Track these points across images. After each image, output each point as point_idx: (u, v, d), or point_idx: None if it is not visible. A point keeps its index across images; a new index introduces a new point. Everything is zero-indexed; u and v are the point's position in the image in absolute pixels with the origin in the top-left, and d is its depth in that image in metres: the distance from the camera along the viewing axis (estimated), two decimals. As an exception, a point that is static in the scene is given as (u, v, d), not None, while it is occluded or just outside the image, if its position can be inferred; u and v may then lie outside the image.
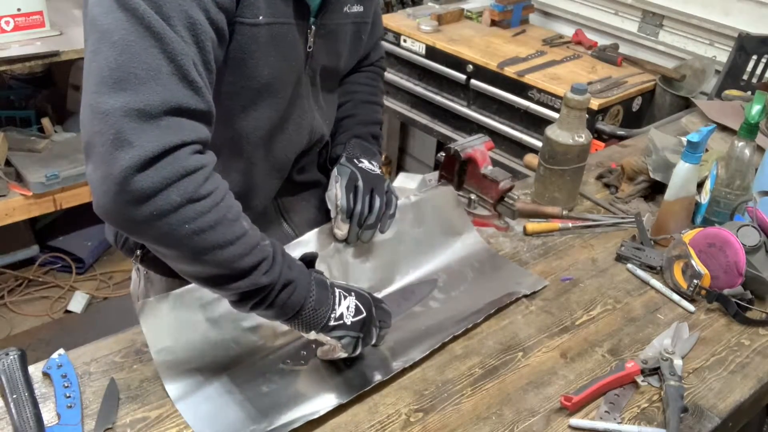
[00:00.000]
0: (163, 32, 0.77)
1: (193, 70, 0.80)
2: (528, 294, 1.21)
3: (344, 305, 0.97)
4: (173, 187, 0.77)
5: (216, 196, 0.82)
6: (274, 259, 0.89)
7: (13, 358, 0.97)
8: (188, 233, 0.80)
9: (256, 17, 0.92)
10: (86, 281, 2.82)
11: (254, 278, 0.87)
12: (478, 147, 1.42)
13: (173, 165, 0.77)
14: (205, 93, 0.82)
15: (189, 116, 0.80)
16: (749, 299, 1.21)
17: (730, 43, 2.36)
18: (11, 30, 2.26)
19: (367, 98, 1.31)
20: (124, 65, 0.76)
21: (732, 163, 1.37)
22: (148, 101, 0.76)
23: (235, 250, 0.84)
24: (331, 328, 0.96)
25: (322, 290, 0.95)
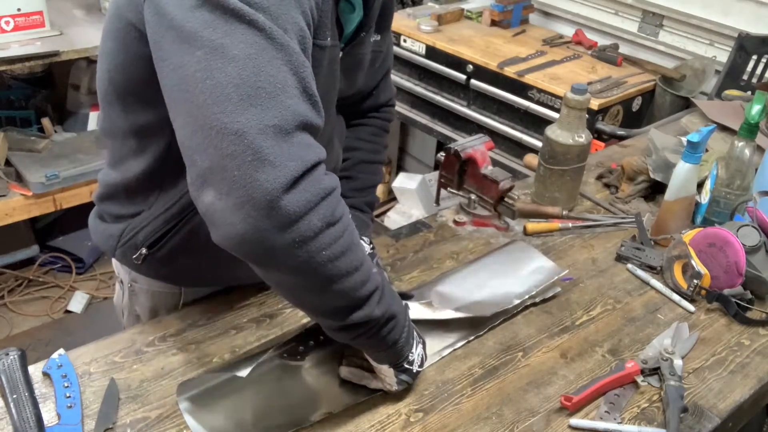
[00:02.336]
0: (287, 44, 0.72)
1: (312, 84, 0.75)
2: (538, 302, 1.21)
3: (417, 351, 0.96)
4: (315, 210, 0.72)
5: (346, 219, 0.77)
6: (383, 290, 0.84)
7: (13, 358, 0.97)
8: (324, 260, 0.74)
9: (325, 38, 0.89)
10: (86, 281, 2.82)
11: (369, 309, 0.82)
12: (478, 147, 1.42)
13: (315, 186, 0.71)
14: (320, 108, 0.76)
15: (313, 132, 0.74)
16: (749, 299, 1.21)
17: (730, 43, 2.36)
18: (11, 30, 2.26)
19: (368, 157, 1.29)
20: (249, 80, 0.70)
21: (732, 163, 1.37)
22: (281, 117, 0.70)
23: (358, 277, 0.79)
24: (402, 369, 0.94)
25: (412, 329, 0.95)
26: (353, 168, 1.28)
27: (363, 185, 1.29)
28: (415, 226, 1.41)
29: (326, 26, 0.88)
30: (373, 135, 1.31)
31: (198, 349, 1.06)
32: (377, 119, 1.32)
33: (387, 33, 1.15)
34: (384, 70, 1.26)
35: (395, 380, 0.95)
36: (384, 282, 0.86)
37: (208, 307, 1.14)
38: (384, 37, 1.14)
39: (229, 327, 1.11)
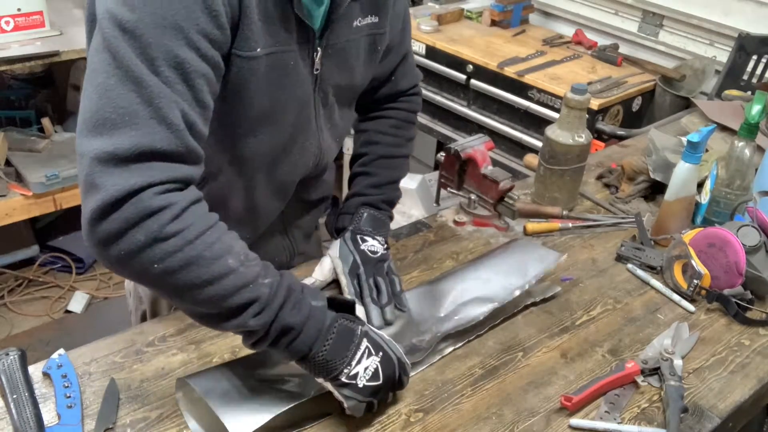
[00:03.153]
0: (141, 77, 0.77)
1: (173, 112, 0.79)
2: (538, 302, 1.21)
3: (363, 365, 0.90)
4: (138, 227, 0.76)
5: (187, 234, 0.78)
6: (269, 301, 0.84)
7: (13, 358, 0.97)
8: (159, 273, 0.78)
9: (253, 50, 0.91)
10: (86, 281, 2.83)
11: (242, 320, 0.83)
12: (478, 147, 1.42)
13: (136, 206, 0.76)
14: (184, 134, 0.80)
15: (162, 158, 0.78)
16: (749, 299, 1.21)
17: (730, 43, 2.36)
18: (11, 30, 2.26)
19: (388, 152, 1.26)
20: (101, 110, 0.77)
21: (732, 163, 1.37)
22: (118, 146, 0.76)
23: (216, 290, 0.80)
24: (341, 384, 0.90)
25: (342, 341, 0.89)
26: (372, 164, 1.25)
27: (381, 181, 1.24)
28: (415, 226, 1.41)
29: (255, 37, 0.90)
30: (395, 127, 1.27)
31: (198, 349, 1.06)
32: (399, 110, 1.28)
33: (385, 14, 1.10)
34: (399, 55, 1.22)
35: (339, 397, 0.91)
36: (275, 293, 0.85)
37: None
38: (383, 18, 1.10)
39: (229, 327, 1.11)
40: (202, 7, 0.80)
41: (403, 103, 1.29)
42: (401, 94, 1.28)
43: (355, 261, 1.15)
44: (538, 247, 1.28)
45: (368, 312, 1.09)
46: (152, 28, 0.77)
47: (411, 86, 1.29)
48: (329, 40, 1.03)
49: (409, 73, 1.27)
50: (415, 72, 1.30)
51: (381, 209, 1.24)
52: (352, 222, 1.20)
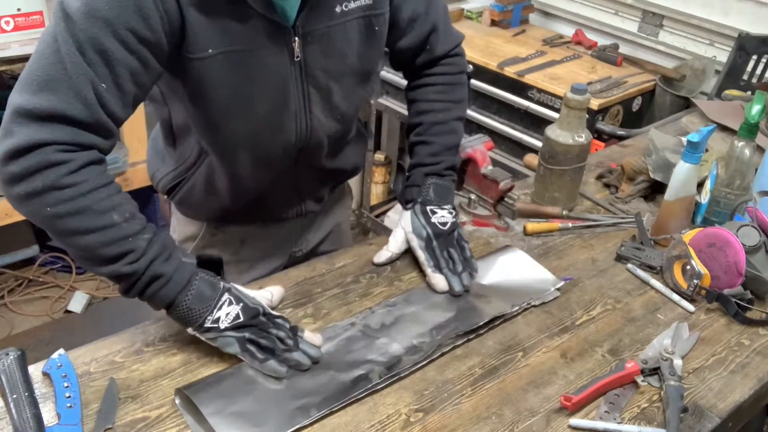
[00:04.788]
0: (69, 54, 0.90)
1: (86, 88, 0.91)
2: (537, 304, 1.21)
3: (225, 311, 1.00)
4: (38, 174, 0.90)
5: (80, 188, 0.92)
6: (144, 252, 0.96)
7: (13, 358, 0.97)
8: (50, 215, 0.92)
9: (204, 51, 0.99)
10: (86, 281, 2.82)
11: (116, 266, 0.95)
12: (478, 147, 1.42)
13: (39, 156, 0.89)
14: (95, 108, 0.92)
15: (70, 123, 0.91)
16: (749, 299, 1.21)
17: (730, 43, 2.36)
18: (11, 30, 2.26)
19: (439, 118, 1.30)
20: (33, 72, 0.91)
21: (732, 163, 1.37)
22: (38, 104, 0.89)
23: (96, 238, 0.93)
24: (205, 329, 1.00)
25: (205, 291, 1.00)
26: (426, 132, 1.29)
27: (439, 149, 1.29)
28: (415, 226, 1.41)
29: (204, 38, 0.99)
30: (441, 92, 1.31)
31: (198, 349, 1.06)
32: (442, 74, 1.31)
33: None
34: (427, 24, 1.24)
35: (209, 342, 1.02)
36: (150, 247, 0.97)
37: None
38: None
39: (229, 327, 1.11)
40: (134, 9, 0.92)
41: (444, 66, 1.31)
42: (440, 59, 1.31)
43: (428, 235, 1.23)
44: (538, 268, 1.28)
45: (449, 281, 1.19)
46: (87, 18, 0.90)
47: (448, 51, 1.31)
48: (305, 28, 1.07)
49: (443, 39, 1.28)
50: (453, 35, 1.31)
51: (444, 176, 1.29)
52: (420, 194, 1.27)
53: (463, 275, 1.20)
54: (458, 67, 1.33)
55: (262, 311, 1.04)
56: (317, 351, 1.04)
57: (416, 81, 1.33)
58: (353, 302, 1.18)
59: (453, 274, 1.20)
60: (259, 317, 1.03)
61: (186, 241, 1.36)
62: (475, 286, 1.22)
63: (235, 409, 0.95)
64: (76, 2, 0.90)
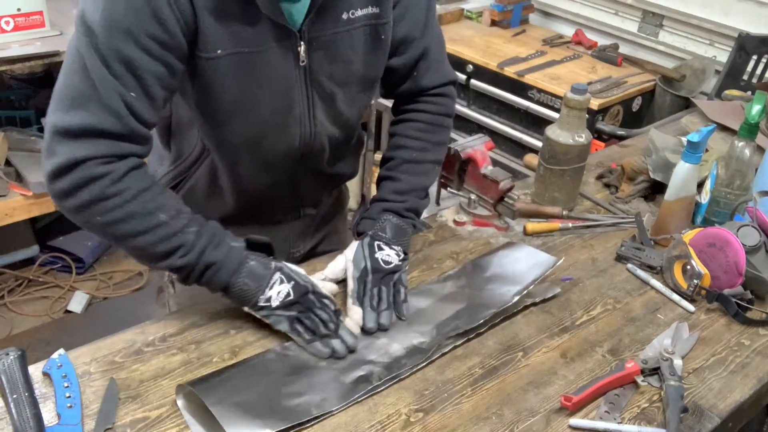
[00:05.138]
0: (94, 69, 0.93)
1: (117, 99, 0.95)
2: (538, 302, 1.21)
3: (276, 289, 1.05)
4: (84, 189, 0.95)
5: (125, 195, 0.97)
6: (194, 244, 1.02)
7: (13, 358, 0.97)
8: (101, 224, 0.98)
9: (213, 51, 1.01)
10: (86, 281, 2.82)
11: (170, 261, 1.02)
12: (478, 147, 1.42)
13: (83, 172, 0.95)
14: (127, 119, 0.96)
15: (105, 137, 0.96)
16: (749, 299, 1.21)
17: (730, 43, 2.37)
18: (11, 30, 2.26)
19: (413, 157, 1.26)
20: (64, 90, 0.95)
21: (732, 163, 1.37)
22: (72, 122, 0.94)
23: (148, 239, 0.99)
24: (259, 307, 1.06)
25: (257, 272, 1.05)
26: (396, 168, 1.26)
27: (405, 188, 1.25)
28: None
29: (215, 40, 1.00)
30: (420, 131, 1.27)
31: (198, 349, 1.06)
32: (425, 112, 1.28)
33: (387, 3, 1.13)
34: (419, 49, 1.22)
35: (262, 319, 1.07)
36: (198, 239, 1.02)
37: (208, 307, 1.14)
38: (384, 8, 1.13)
39: (229, 327, 1.11)
40: (151, 16, 0.94)
41: (430, 105, 1.28)
42: (424, 92, 1.28)
43: (365, 268, 1.17)
44: (534, 252, 1.29)
45: (364, 314, 1.11)
46: (108, 30, 0.93)
47: (435, 85, 1.27)
48: (311, 33, 1.07)
49: (433, 70, 1.26)
50: (444, 71, 1.28)
51: (404, 217, 1.24)
52: (373, 227, 1.22)
53: (383, 313, 1.12)
54: (444, 108, 1.30)
55: (312, 289, 1.08)
56: (354, 340, 1.07)
57: (399, 115, 1.31)
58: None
59: (371, 310, 1.12)
60: (309, 295, 1.07)
61: None
62: (475, 278, 1.22)
63: (238, 399, 0.95)
64: (96, 16, 0.92)
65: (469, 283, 1.22)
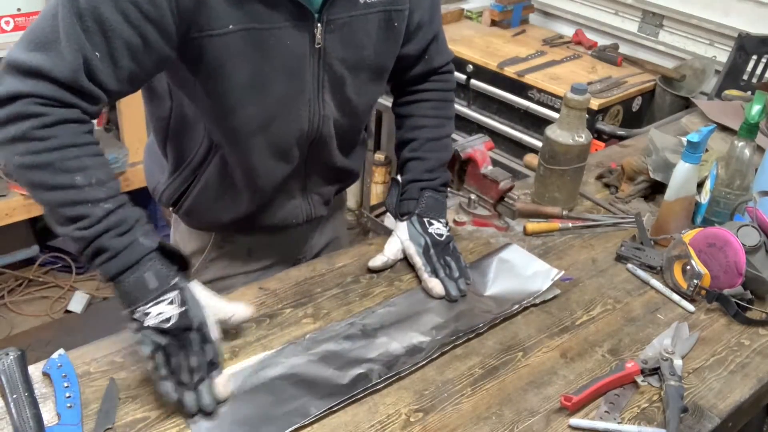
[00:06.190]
0: (64, 17, 0.91)
1: (76, 54, 0.92)
2: (538, 302, 1.21)
3: (159, 309, 0.94)
4: (12, 123, 0.91)
5: (49, 143, 0.92)
6: (97, 222, 0.94)
7: (13, 358, 0.97)
8: (17, 165, 0.93)
9: (224, 27, 0.99)
10: (86, 281, 2.82)
11: (68, 230, 0.95)
12: (478, 147, 1.42)
13: (17, 107, 0.91)
14: (80, 74, 0.93)
15: (53, 82, 0.92)
16: (749, 299, 1.21)
17: (730, 43, 2.36)
18: (11, 30, 2.26)
19: (434, 134, 1.33)
20: (34, 30, 0.93)
21: (732, 163, 1.37)
22: (26, 60, 0.91)
23: (55, 196, 0.94)
24: (132, 318, 0.94)
25: (149, 280, 0.95)
26: (421, 148, 1.32)
27: (434, 165, 1.32)
28: (415, 226, 1.41)
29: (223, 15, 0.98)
30: (435, 108, 1.34)
31: (198, 349, 1.06)
32: (436, 90, 1.34)
33: None
34: (430, 33, 1.27)
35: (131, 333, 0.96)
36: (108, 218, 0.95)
37: (208, 307, 1.14)
38: None
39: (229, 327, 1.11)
40: None
41: (438, 82, 1.35)
42: (435, 72, 1.33)
43: (426, 243, 1.25)
44: (534, 260, 1.29)
45: (446, 285, 1.19)
46: None
47: (444, 63, 1.34)
48: (329, 15, 1.07)
49: (442, 50, 1.33)
50: (448, 49, 1.36)
51: (440, 191, 1.32)
52: (417, 207, 1.29)
53: (459, 281, 1.21)
54: (450, 84, 1.37)
55: (198, 327, 0.95)
56: (212, 403, 0.94)
57: (408, 96, 1.35)
58: (353, 302, 1.18)
59: (450, 279, 1.20)
60: (190, 333, 0.95)
61: (192, 257, 1.33)
62: (475, 282, 1.23)
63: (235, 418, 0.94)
64: None
65: (469, 287, 1.22)
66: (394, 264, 1.27)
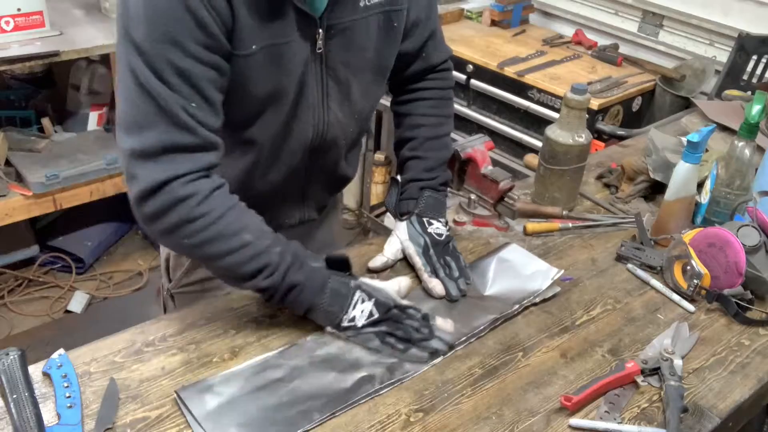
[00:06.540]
0: (153, 87, 0.93)
1: (183, 114, 0.95)
2: (538, 302, 1.21)
3: (359, 309, 1.05)
4: (171, 211, 0.96)
5: (211, 216, 0.98)
6: (278, 265, 1.02)
7: (13, 358, 0.97)
8: (189, 246, 0.99)
9: (249, 48, 1.01)
10: (86, 281, 2.82)
11: (255, 282, 1.02)
12: (478, 147, 1.42)
13: (168, 194, 0.95)
14: (197, 129, 0.97)
15: (183, 151, 0.96)
16: (749, 299, 1.21)
17: (730, 43, 2.36)
18: (11, 30, 2.26)
19: (433, 133, 1.32)
20: (128, 114, 0.96)
21: (732, 163, 1.37)
22: (146, 143, 0.94)
23: (234, 259, 1.00)
24: (343, 328, 1.06)
25: (338, 293, 1.05)
26: (421, 147, 1.32)
27: (433, 164, 1.31)
28: (415, 226, 1.41)
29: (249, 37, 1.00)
30: (433, 107, 1.34)
31: (198, 349, 1.06)
32: (434, 89, 1.34)
33: None
34: (427, 30, 1.26)
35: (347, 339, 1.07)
36: (283, 259, 1.02)
37: (208, 307, 1.14)
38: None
39: (229, 327, 1.11)
40: (193, 22, 0.93)
41: (437, 80, 1.34)
42: (433, 70, 1.33)
43: (426, 243, 1.25)
44: (534, 259, 1.28)
45: (446, 285, 1.20)
46: (156, 44, 0.92)
47: (442, 61, 1.34)
48: (330, 20, 1.08)
49: (439, 48, 1.32)
50: (445, 47, 1.35)
51: (439, 191, 1.32)
52: (417, 206, 1.29)
53: (459, 281, 1.21)
54: (448, 82, 1.37)
55: (394, 304, 1.07)
56: (451, 336, 1.08)
57: (407, 95, 1.34)
58: (353, 302, 1.18)
59: (450, 279, 1.20)
60: (392, 310, 1.06)
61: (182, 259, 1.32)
62: (475, 282, 1.23)
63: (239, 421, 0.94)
64: (140, 31, 0.92)
65: (469, 286, 1.22)
66: (394, 264, 1.27)
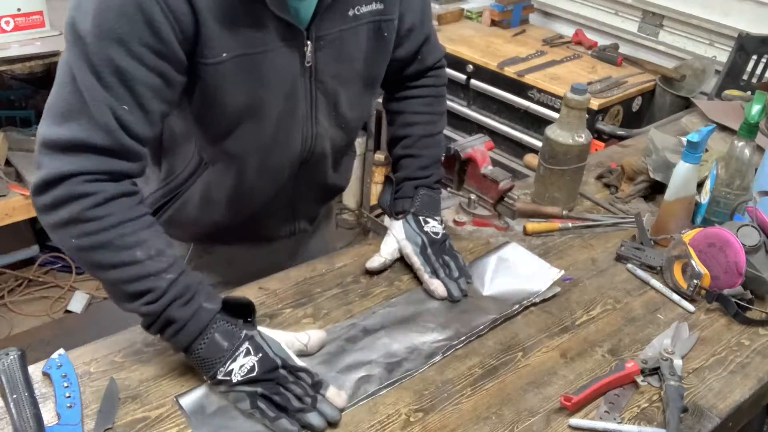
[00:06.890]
0: (84, 81, 0.89)
1: (108, 114, 0.90)
2: (538, 302, 1.21)
3: (240, 362, 0.94)
4: (64, 206, 0.90)
5: (104, 222, 0.91)
6: (163, 294, 0.93)
7: (13, 358, 0.97)
8: (74, 247, 0.92)
9: (218, 56, 0.97)
10: (86, 281, 2.82)
11: (135, 306, 0.94)
12: (478, 147, 1.42)
13: (66, 188, 0.90)
14: (117, 133, 0.91)
15: (95, 152, 0.91)
16: (749, 299, 1.21)
17: (730, 43, 2.36)
18: (11, 30, 2.26)
19: (427, 131, 1.31)
20: (56, 102, 0.91)
21: (732, 163, 1.37)
22: (60, 135, 0.90)
23: (118, 274, 0.93)
24: (217, 381, 0.95)
25: (221, 341, 0.95)
26: (415, 145, 1.31)
27: (427, 162, 1.31)
28: (415, 226, 1.41)
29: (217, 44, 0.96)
30: (427, 105, 1.33)
31: (198, 349, 1.06)
32: (428, 87, 1.33)
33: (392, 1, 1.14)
34: (422, 35, 1.26)
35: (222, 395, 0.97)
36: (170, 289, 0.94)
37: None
38: (389, 4, 1.13)
39: (229, 327, 1.10)
40: (144, 23, 0.89)
41: (431, 78, 1.33)
42: (428, 70, 1.33)
43: (423, 242, 1.23)
44: (534, 258, 1.29)
45: (447, 286, 1.19)
46: (99, 40, 0.88)
47: (436, 61, 1.33)
48: (318, 32, 1.05)
49: (434, 49, 1.32)
50: (439, 47, 1.34)
51: (434, 189, 1.31)
52: (412, 205, 1.28)
53: (459, 281, 1.20)
54: (442, 80, 1.36)
55: (282, 363, 0.96)
56: (336, 413, 0.95)
57: (401, 92, 1.33)
58: (353, 302, 1.18)
59: (450, 280, 1.20)
60: (278, 371, 0.95)
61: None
62: (475, 282, 1.23)
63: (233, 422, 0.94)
64: (86, 24, 0.88)
65: (469, 286, 1.22)
66: (392, 264, 1.27)
